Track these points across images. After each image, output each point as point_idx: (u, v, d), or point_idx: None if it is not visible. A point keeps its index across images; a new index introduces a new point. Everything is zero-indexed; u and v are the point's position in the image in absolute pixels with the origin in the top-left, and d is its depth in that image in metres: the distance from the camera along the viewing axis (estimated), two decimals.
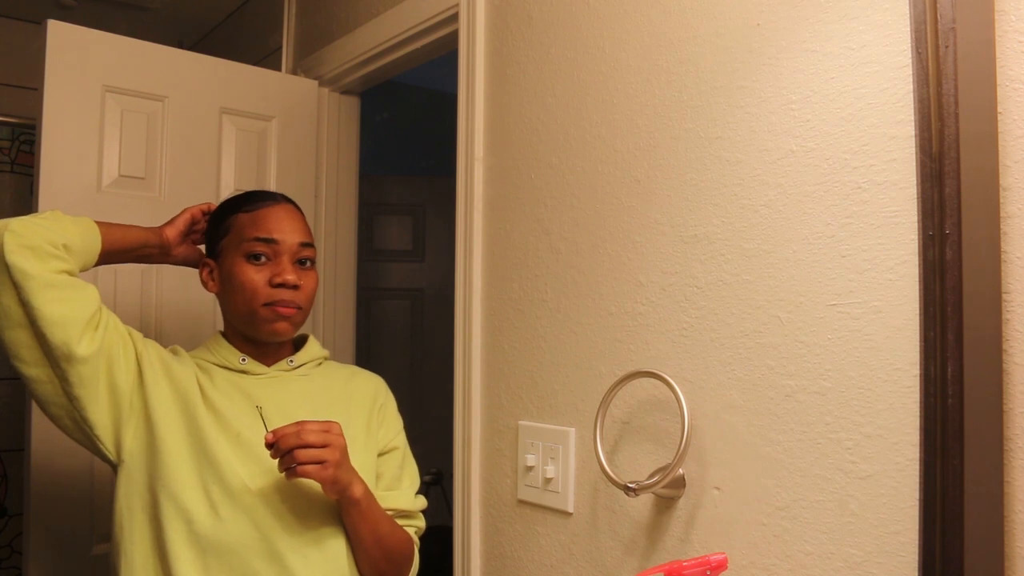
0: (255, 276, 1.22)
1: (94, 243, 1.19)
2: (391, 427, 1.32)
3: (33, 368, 1.11)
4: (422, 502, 1.33)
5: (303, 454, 1.06)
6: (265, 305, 1.22)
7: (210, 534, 1.11)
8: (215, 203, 1.36)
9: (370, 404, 1.31)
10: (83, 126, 1.70)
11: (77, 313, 1.11)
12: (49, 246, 1.10)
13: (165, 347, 1.27)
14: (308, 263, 1.27)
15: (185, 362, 1.24)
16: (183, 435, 1.15)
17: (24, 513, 1.64)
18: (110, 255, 1.23)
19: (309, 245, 1.28)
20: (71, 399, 1.12)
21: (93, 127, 1.71)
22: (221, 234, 1.28)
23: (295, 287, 1.22)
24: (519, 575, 1.40)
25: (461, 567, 1.51)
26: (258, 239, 1.23)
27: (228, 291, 1.25)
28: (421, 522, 1.32)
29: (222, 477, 1.13)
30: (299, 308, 1.24)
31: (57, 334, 1.09)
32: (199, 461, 1.14)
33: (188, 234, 1.35)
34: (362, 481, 1.16)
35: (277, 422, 1.21)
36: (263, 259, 1.23)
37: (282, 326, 1.23)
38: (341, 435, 1.12)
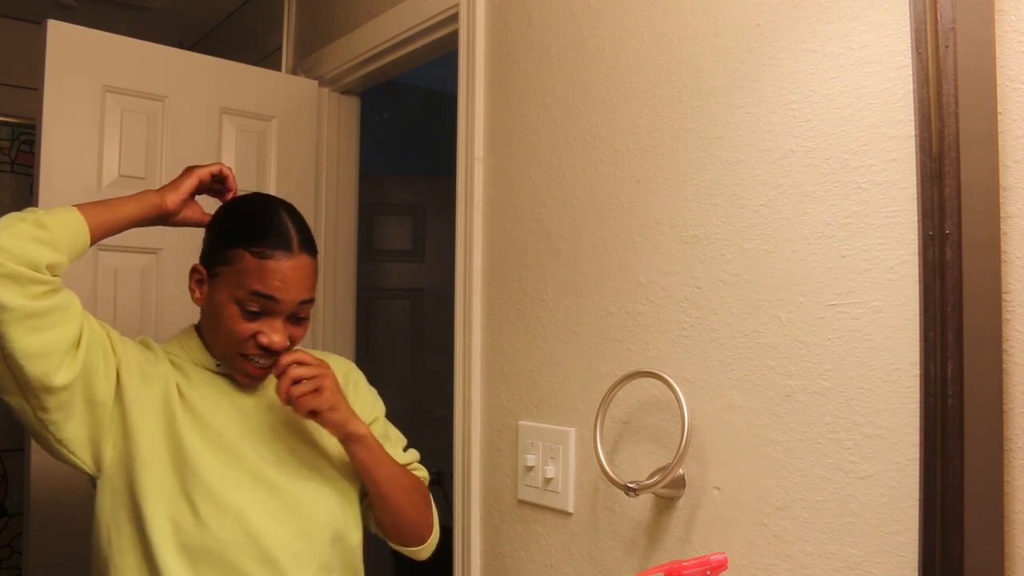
0: (242, 327, 1.15)
1: (82, 242, 1.11)
2: (365, 401, 1.33)
3: (12, 397, 1.05)
4: (414, 455, 1.35)
5: (296, 388, 1.12)
6: (242, 355, 1.17)
7: (198, 543, 1.09)
8: (226, 168, 1.27)
9: (343, 386, 1.27)
10: (83, 126, 1.70)
11: (58, 342, 1.03)
12: (29, 270, 1.00)
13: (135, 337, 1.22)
14: (303, 316, 1.20)
15: (159, 360, 1.19)
16: (162, 444, 1.12)
17: (24, 513, 1.64)
18: (102, 238, 1.15)
19: (309, 301, 1.19)
20: (44, 424, 1.07)
21: (93, 127, 1.71)
22: (221, 259, 1.16)
23: (278, 352, 1.16)
24: (519, 575, 1.40)
25: (461, 567, 1.51)
26: (257, 294, 1.13)
27: (211, 320, 1.19)
28: (423, 472, 1.35)
29: (204, 483, 1.10)
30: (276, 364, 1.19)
31: (36, 366, 1.01)
32: (180, 470, 1.11)
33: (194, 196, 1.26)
34: (362, 421, 1.19)
35: (258, 424, 1.21)
36: (257, 310, 1.15)
37: (251, 381, 1.21)
38: (332, 375, 1.17)
